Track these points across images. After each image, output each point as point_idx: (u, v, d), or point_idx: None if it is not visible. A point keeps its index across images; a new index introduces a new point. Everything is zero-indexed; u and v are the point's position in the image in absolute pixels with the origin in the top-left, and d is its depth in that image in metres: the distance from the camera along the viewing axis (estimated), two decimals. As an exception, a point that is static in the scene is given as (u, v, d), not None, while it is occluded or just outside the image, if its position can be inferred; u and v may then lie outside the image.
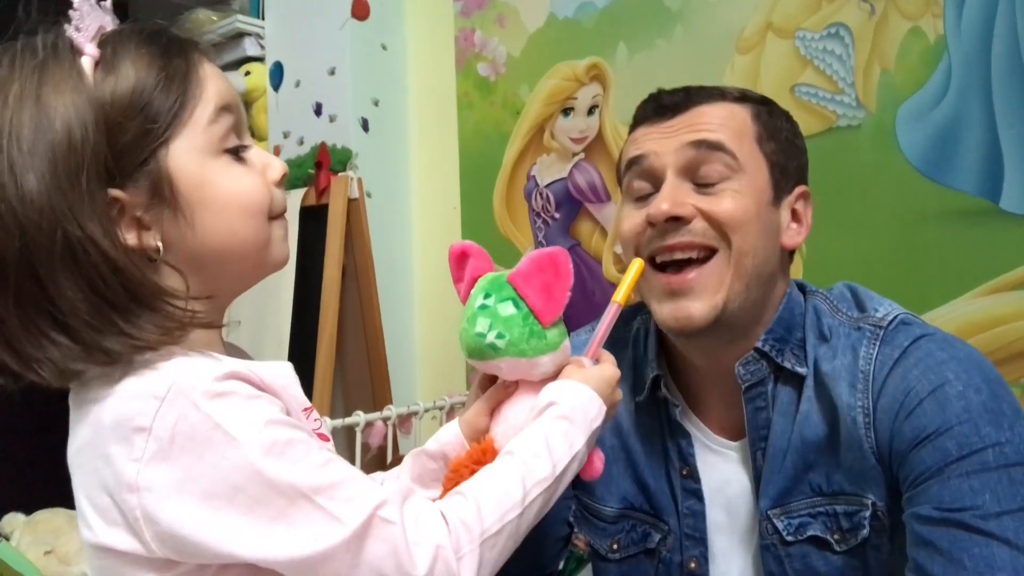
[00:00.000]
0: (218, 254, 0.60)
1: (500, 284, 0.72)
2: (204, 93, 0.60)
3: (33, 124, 0.53)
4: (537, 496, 0.63)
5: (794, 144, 0.86)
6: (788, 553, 0.79)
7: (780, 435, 0.81)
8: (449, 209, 1.88)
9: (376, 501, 0.56)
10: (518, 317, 0.70)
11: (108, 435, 0.54)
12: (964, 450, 0.70)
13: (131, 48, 0.57)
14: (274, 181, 0.64)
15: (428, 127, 1.93)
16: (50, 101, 0.54)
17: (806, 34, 1.34)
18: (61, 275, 0.53)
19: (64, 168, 0.53)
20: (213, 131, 0.60)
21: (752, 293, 0.80)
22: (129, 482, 0.53)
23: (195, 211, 0.58)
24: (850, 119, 1.29)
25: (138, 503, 0.53)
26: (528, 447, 0.65)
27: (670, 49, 1.51)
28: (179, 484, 0.53)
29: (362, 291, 1.75)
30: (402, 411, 1.53)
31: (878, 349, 0.78)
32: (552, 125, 1.69)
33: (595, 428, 0.69)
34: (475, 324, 0.70)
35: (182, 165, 0.58)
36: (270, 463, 0.54)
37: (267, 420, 0.55)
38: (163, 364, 0.56)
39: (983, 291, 1.18)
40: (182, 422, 0.53)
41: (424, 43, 1.94)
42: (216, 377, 0.55)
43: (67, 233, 0.53)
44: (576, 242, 1.66)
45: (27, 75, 0.55)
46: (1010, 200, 1.16)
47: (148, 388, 0.54)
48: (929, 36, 1.21)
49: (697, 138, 0.79)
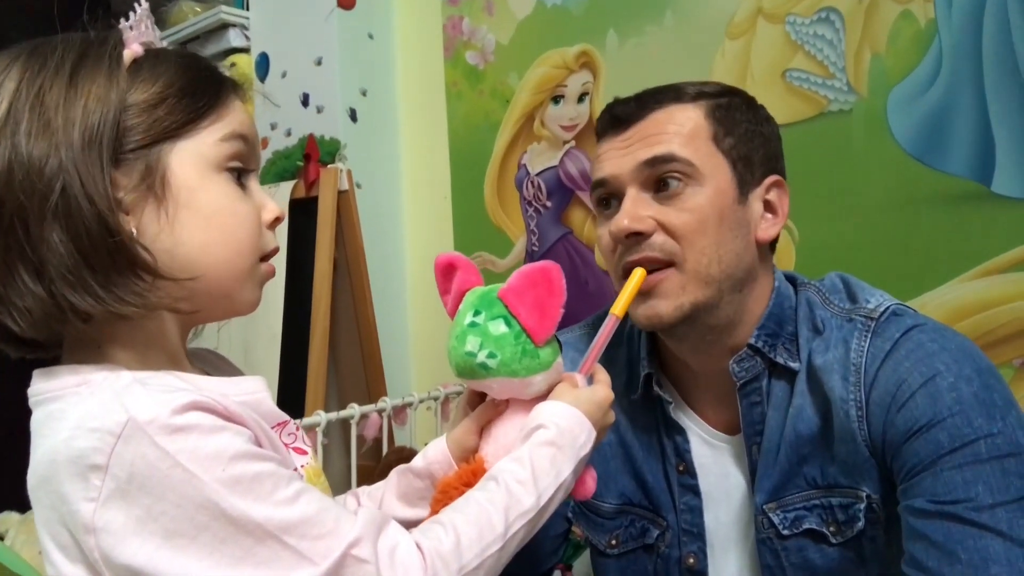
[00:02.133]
0: (186, 262, 0.58)
1: (490, 300, 0.69)
2: (224, 115, 0.61)
3: (62, 89, 0.56)
4: (520, 528, 0.61)
5: (758, 133, 0.84)
6: (784, 546, 0.80)
7: (774, 429, 0.81)
8: (440, 199, 1.87)
9: (349, 539, 0.54)
10: (510, 336, 0.68)
11: (63, 472, 0.52)
12: (956, 442, 0.70)
13: (171, 60, 0.61)
14: (266, 222, 0.63)
15: (417, 117, 1.92)
16: (82, 73, 0.56)
17: (796, 19, 1.33)
18: (50, 226, 0.54)
19: (84, 135, 0.55)
20: (222, 148, 0.60)
21: (725, 293, 0.80)
22: (85, 523, 0.51)
23: (178, 212, 0.58)
24: (841, 104, 1.28)
25: (95, 544, 0.51)
26: (513, 474, 0.63)
27: (660, 35, 1.50)
28: (139, 523, 0.51)
29: (354, 283, 1.74)
30: (397, 402, 1.53)
31: (870, 341, 0.78)
32: (542, 113, 1.68)
33: (583, 455, 0.67)
34: (465, 342, 0.68)
35: (181, 164, 0.58)
36: (235, 501, 0.51)
37: (231, 455, 0.53)
38: (120, 394, 0.53)
39: (974, 274, 1.18)
40: (139, 460, 0.50)
41: (412, 32, 1.92)
42: (175, 410, 0.52)
43: (67, 185, 0.54)
44: (568, 230, 1.66)
45: (71, 49, 0.58)
46: (1001, 183, 1.15)
47: (103, 423, 0.51)
48: (920, 20, 1.21)
49: (649, 156, 0.80)
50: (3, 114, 0.55)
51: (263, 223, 0.63)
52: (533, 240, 1.71)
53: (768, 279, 0.85)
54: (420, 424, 1.62)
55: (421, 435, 1.62)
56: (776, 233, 0.84)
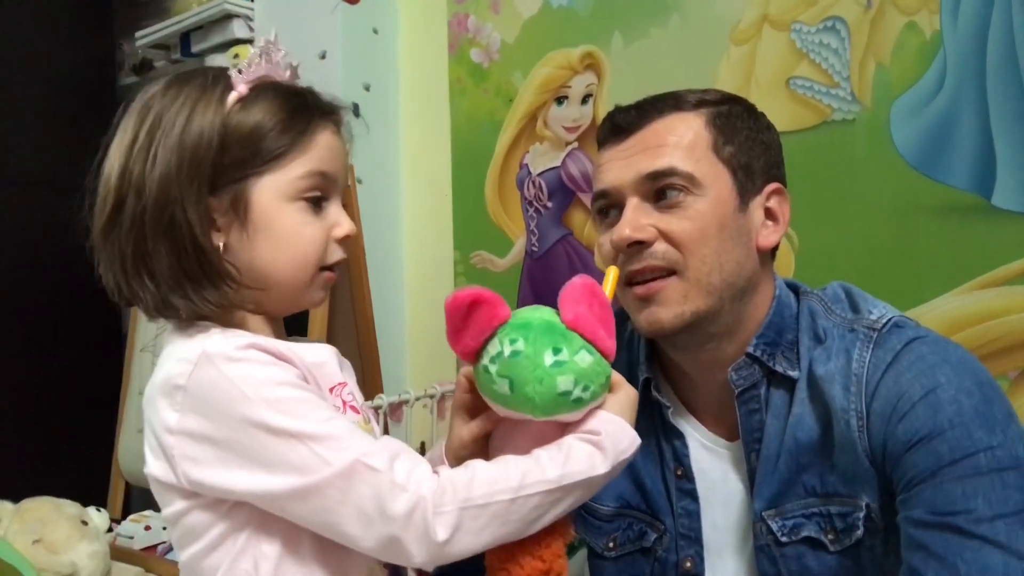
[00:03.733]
0: (260, 274, 0.71)
1: (564, 334, 0.69)
2: (307, 152, 0.71)
3: (181, 128, 0.69)
4: (535, 493, 0.65)
5: (759, 141, 0.84)
6: (783, 554, 0.80)
7: (773, 437, 0.82)
8: (441, 196, 1.87)
9: (362, 449, 0.64)
10: (596, 364, 0.69)
11: (158, 390, 0.68)
12: (956, 454, 0.70)
13: (270, 98, 0.71)
14: (336, 238, 0.74)
15: (420, 113, 1.92)
16: (196, 116, 0.69)
17: (802, 27, 1.33)
18: (160, 241, 0.68)
19: (188, 166, 0.68)
20: (299, 184, 0.71)
21: (727, 302, 0.81)
22: (170, 426, 0.66)
23: (256, 233, 0.70)
24: (845, 113, 1.29)
25: (174, 443, 0.66)
26: (546, 452, 0.69)
27: (666, 38, 1.50)
28: (205, 431, 0.65)
29: (352, 280, 1.74)
30: (393, 400, 1.53)
31: (871, 352, 0.78)
32: (545, 113, 1.68)
33: (623, 459, 0.70)
34: (556, 384, 0.67)
35: (261, 197, 0.70)
36: (274, 416, 0.64)
37: (277, 381, 0.66)
38: (201, 336, 0.69)
39: (974, 286, 1.19)
40: (206, 381, 0.66)
41: (417, 28, 1.92)
42: (237, 347, 0.67)
43: (174, 213, 0.68)
44: (569, 231, 1.66)
45: (191, 91, 0.71)
46: (1002, 196, 1.16)
47: (185, 354, 0.67)
48: (925, 31, 1.21)
49: (650, 170, 0.81)
50: (144, 138, 0.70)
51: (332, 238, 0.74)
52: (533, 240, 1.71)
53: (769, 287, 0.85)
54: (416, 421, 1.62)
55: (417, 432, 1.62)
56: (777, 240, 0.85)
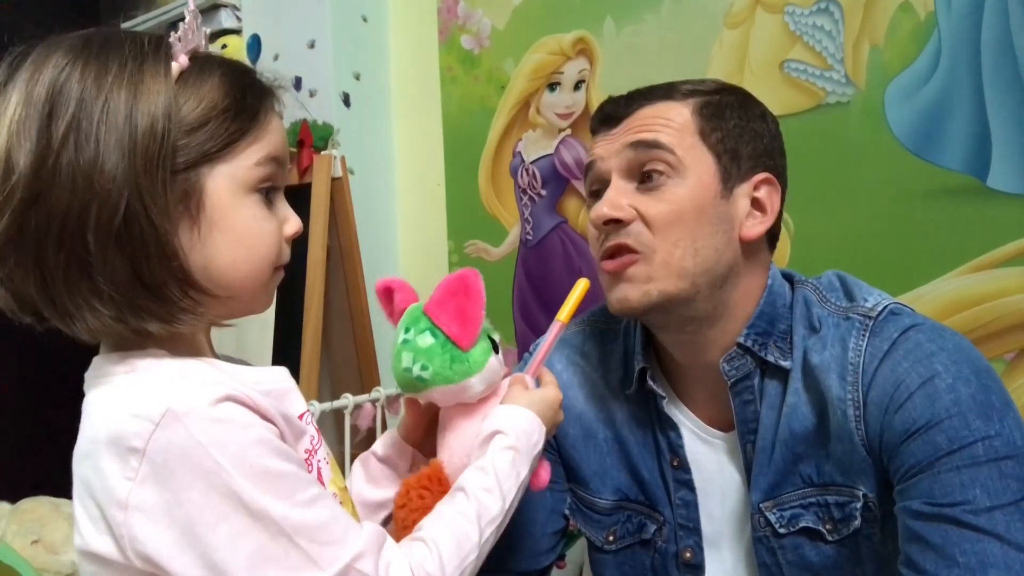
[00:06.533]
0: (216, 278, 0.62)
1: (416, 316, 0.75)
2: (262, 137, 0.63)
3: (126, 108, 0.57)
4: (491, 534, 0.68)
5: (749, 129, 0.83)
6: (781, 544, 0.80)
7: (769, 428, 0.81)
8: (434, 186, 1.86)
9: (355, 551, 0.58)
10: (436, 346, 0.73)
11: (103, 449, 0.56)
12: (954, 444, 0.70)
13: (216, 73, 0.62)
14: (287, 236, 0.67)
15: (411, 102, 1.90)
16: (143, 94, 0.58)
17: (795, 9, 1.32)
18: (111, 245, 0.56)
19: (142, 153, 0.57)
20: (256, 172, 0.63)
21: (703, 288, 0.80)
22: (120, 498, 0.54)
23: (211, 231, 0.61)
24: (839, 96, 1.28)
25: (124, 520, 0.54)
26: (480, 483, 0.69)
27: (658, 23, 1.48)
28: (167, 507, 0.54)
29: (347, 272, 1.73)
30: (390, 392, 1.53)
31: (867, 340, 0.78)
32: (538, 100, 1.67)
33: (536, 453, 0.74)
34: (400, 360, 0.74)
35: (217, 188, 0.61)
36: (257, 496, 0.55)
37: (260, 452, 0.56)
38: (161, 383, 0.58)
39: (969, 268, 1.19)
40: (174, 448, 0.54)
41: (406, 15, 1.90)
42: (211, 402, 0.56)
43: (130, 206, 0.56)
44: (563, 219, 1.65)
45: (128, 65, 0.59)
46: (997, 178, 1.16)
47: (144, 410, 0.55)
48: (919, 13, 1.20)
49: (635, 139, 0.81)
50: (68, 119, 0.56)
51: (283, 236, 0.67)
52: (527, 229, 1.70)
53: (758, 277, 0.84)
54: (413, 412, 1.62)
55: (414, 423, 1.62)
56: (763, 231, 0.83)
